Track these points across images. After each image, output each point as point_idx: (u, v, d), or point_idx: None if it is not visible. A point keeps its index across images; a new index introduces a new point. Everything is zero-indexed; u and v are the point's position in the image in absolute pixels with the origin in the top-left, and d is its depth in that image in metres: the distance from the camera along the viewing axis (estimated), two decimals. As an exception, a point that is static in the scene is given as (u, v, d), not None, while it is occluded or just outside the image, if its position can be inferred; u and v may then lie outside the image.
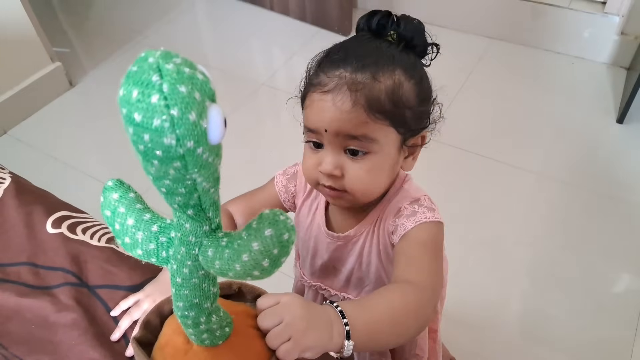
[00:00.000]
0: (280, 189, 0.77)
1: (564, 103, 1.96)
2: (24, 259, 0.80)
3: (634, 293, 1.38)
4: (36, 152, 1.86)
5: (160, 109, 0.31)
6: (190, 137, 0.32)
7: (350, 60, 0.60)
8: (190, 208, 0.39)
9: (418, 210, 0.65)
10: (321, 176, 0.63)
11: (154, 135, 0.32)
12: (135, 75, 0.32)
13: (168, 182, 0.36)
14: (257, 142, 1.87)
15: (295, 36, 2.33)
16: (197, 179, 0.36)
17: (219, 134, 0.35)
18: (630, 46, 1.97)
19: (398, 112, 0.61)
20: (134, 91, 0.31)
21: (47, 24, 2.07)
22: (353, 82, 0.59)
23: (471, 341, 1.29)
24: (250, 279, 0.40)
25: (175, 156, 0.33)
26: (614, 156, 1.75)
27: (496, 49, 2.19)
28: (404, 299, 0.55)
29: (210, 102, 0.34)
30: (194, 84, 0.32)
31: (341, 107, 0.58)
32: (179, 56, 0.33)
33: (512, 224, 1.56)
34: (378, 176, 0.64)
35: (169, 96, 0.31)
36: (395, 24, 0.63)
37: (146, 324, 0.53)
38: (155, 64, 0.32)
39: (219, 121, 0.34)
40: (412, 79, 0.62)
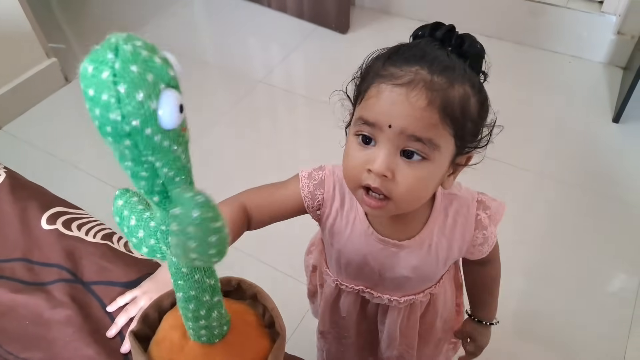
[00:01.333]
0: (306, 195, 0.71)
1: (561, 102, 1.96)
2: (19, 255, 0.79)
3: (629, 292, 1.38)
4: (31, 148, 1.86)
5: (108, 85, 0.32)
6: (135, 116, 0.33)
7: (427, 60, 0.56)
8: (156, 194, 0.40)
9: (489, 236, 0.75)
10: (367, 176, 0.58)
11: (102, 109, 0.33)
12: (95, 52, 0.34)
13: (129, 163, 0.37)
14: (254, 139, 1.86)
15: (292, 33, 2.32)
16: (156, 163, 0.37)
17: (172, 119, 0.35)
18: (627, 46, 1.98)
19: (463, 123, 0.58)
20: (89, 67, 0.33)
21: (43, 20, 2.06)
22: (431, 81, 0.55)
23: (467, 339, 1.29)
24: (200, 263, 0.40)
25: (123, 133, 0.34)
26: (610, 155, 1.76)
27: (493, 48, 2.17)
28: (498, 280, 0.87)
29: (167, 86, 0.34)
30: (148, 66, 0.33)
31: (415, 104, 0.54)
32: (141, 40, 0.35)
33: (508, 222, 1.56)
34: (427, 186, 0.60)
35: (118, 73, 0.32)
36: (458, 40, 0.61)
37: (144, 318, 0.53)
38: (115, 44, 0.34)
39: (172, 106, 0.34)
40: (477, 94, 0.60)
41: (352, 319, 0.83)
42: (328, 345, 0.92)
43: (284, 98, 2.04)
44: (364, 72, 0.62)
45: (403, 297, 0.75)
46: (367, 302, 0.79)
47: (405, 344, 0.83)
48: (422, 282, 0.75)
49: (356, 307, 0.81)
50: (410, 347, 0.84)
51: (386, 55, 0.59)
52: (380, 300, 0.76)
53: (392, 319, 0.79)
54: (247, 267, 1.34)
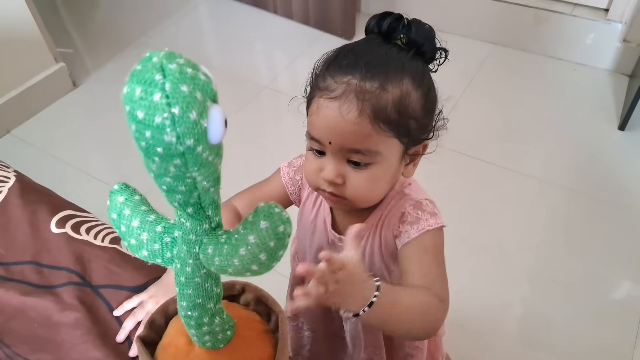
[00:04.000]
0: (287, 181, 0.77)
1: (566, 109, 1.96)
2: (28, 258, 0.80)
3: (635, 299, 1.38)
4: (39, 152, 1.87)
5: (162, 107, 0.32)
6: (190, 135, 0.33)
7: (359, 67, 0.59)
8: (190, 206, 0.40)
9: (421, 217, 0.66)
10: (322, 182, 0.63)
11: (155, 132, 0.33)
12: (139, 73, 0.33)
13: (169, 179, 0.37)
14: (259, 145, 1.87)
15: (298, 39, 2.33)
16: (197, 178, 0.37)
17: (219, 134, 0.35)
18: (633, 53, 1.98)
19: (403, 123, 0.60)
20: (137, 89, 0.32)
21: (51, 25, 2.07)
22: (361, 90, 0.58)
23: (471, 346, 1.29)
24: (249, 274, 0.40)
25: (176, 153, 0.34)
26: (615, 163, 1.75)
27: (499, 55, 2.19)
28: (430, 302, 0.59)
29: (212, 102, 0.35)
30: (195, 84, 0.33)
31: (347, 117, 0.58)
32: (182, 57, 0.34)
33: (513, 229, 1.57)
34: (379, 185, 0.64)
35: (170, 95, 0.32)
36: (406, 27, 0.62)
37: (151, 323, 0.53)
38: (159, 64, 0.33)
39: (220, 121, 0.35)
40: (419, 88, 0.61)
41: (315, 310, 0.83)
42: (293, 334, 0.93)
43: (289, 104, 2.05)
44: (313, 78, 0.65)
45: None
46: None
47: (372, 346, 0.83)
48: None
49: None
50: (378, 349, 0.83)
51: (326, 65, 0.63)
52: None
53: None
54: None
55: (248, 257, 0.39)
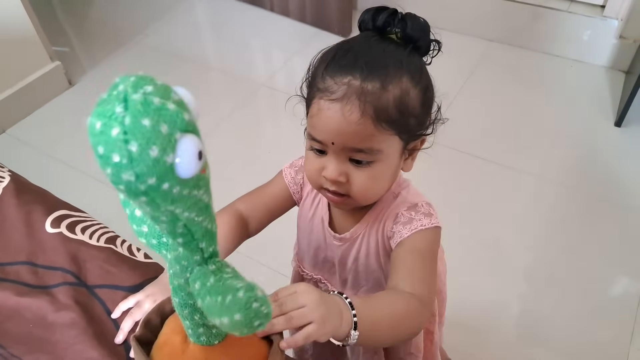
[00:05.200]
0: (290, 182, 0.77)
1: (563, 106, 1.96)
2: (23, 258, 0.80)
3: (631, 296, 1.38)
4: (35, 151, 1.86)
5: (119, 144, 0.30)
6: (151, 174, 0.31)
7: (359, 67, 0.58)
8: (179, 236, 0.37)
9: (414, 217, 0.66)
10: (324, 181, 0.63)
11: (114, 169, 0.31)
12: (103, 104, 0.30)
13: (148, 209, 0.34)
14: (256, 143, 1.87)
15: (295, 37, 2.33)
16: (176, 211, 0.34)
17: (191, 168, 0.32)
18: (629, 50, 1.98)
19: (403, 121, 0.61)
20: (97, 123, 0.30)
21: (47, 23, 2.07)
22: (362, 91, 0.58)
23: (469, 343, 1.29)
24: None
25: (138, 192, 0.31)
26: (612, 159, 1.75)
27: (495, 52, 2.19)
28: (407, 308, 0.59)
29: (182, 133, 0.31)
30: (161, 116, 0.30)
31: (349, 118, 0.58)
32: (152, 82, 0.31)
33: (510, 226, 1.57)
34: (381, 182, 0.65)
35: (129, 130, 0.29)
36: (401, 22, 0.62)
37: (147, 323, 0.53)
38: (123, 94, 0.30)
39: (191, 154, 0.32)
40: (418, 85, 0.62)
41: None
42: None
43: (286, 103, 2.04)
44: (310, 77, 0.64)
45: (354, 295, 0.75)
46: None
47: (371, 352, 0.83)
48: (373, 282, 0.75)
49: None
50: (376, 353, 0.83)
51: (325, 63, 0.62)
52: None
53: None
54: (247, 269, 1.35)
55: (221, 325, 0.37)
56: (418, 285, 0.61)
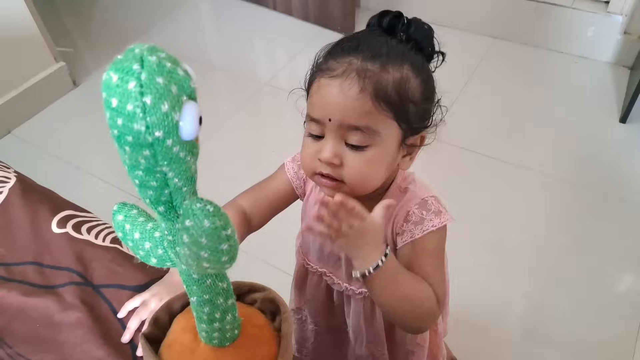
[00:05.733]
0: (292, 176, 0.77)
1: (567, 102, 1.95)
2: (30, 258, 0.80)
3: (637, 293, 1.37)
4: (40, 151, 1.87)
5: (135, 95, 0.32)
6: (159, 127, 0.33)
7: (361, 49, 0.60)
8: (162, 204, 0.40)
9: (426, 217, 0.66)
10: (319, 164, 0.63)
11: (126, 120, 0.33)
12: (119, 62, 0.33)
13: (140, 172, 0.37)
14: (260, 142, 1.87)
15: (298, 36, 2.33)
16: (168, 173, 0.37)
17: (192, 131, 0.35)
18: (633, 46, 1.97)
19: (402, 106, 0.61)
20: (114, 76, 0.33)
21: (51, 24, 2.07)
22: (363, 69, 0.59)
23: (473, 341, 1.29)
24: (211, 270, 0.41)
25: (144, 144, 0.34)
26: (616, 156, 1.75)
27: (499, 49, 2.19)
28: (428, 295, 0.62)
29: (188, 98, 0.35)
30: (172, 78, 0.34)
31: (347, 93, 0.59)
32: (164, 52, 0.35)
33: (515, 223, 1.56)
34: (376, 168, 0.64)
35: (144, 84, 0.32)
36: (405, 25, 0.63)
37: (155, 321, 0.54)
38: (140, 55, 0.33)
39: (193, 117, 0.35)
40: (419, 76, 0.63)
41: (318, 304, 0.85)
42: (296, 327, 0.94)
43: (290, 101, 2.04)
44: (314, 66, 0.65)
45: (360, 288, 0.76)
46: (331, 291, 0.81)
47: (374, 342, 0.83)
48: None
49: (320, 292, 0.82)
50: (379, 345, 0.84)
51: (328, 50, 0.64)
52: (339, 287, 0.78)
53: (355, 311, 0.80)
54: (255, 271, 1.35)
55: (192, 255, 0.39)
56: (436, 288, 0.63)
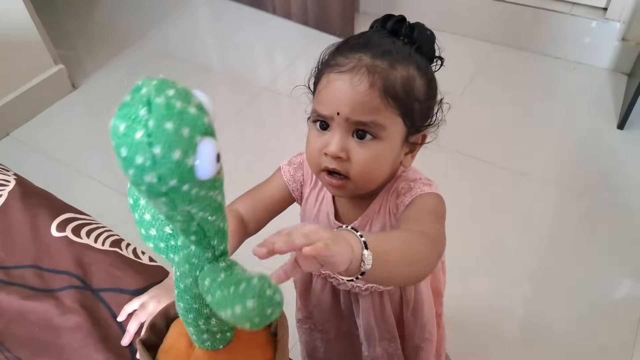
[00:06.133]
0: (289, 179, 0.77)
1: (565, 108, 1.96)
2: (29, 262, 0.80)
3: (635, 299, 1.38)
4: (39, 154, 1.87)
5: (143, 147, 0.31)
6: (173, 176, 0.32)
7: (370, 47, 0.62)
8: (192, 234, 0.38)
9: (414, 186, 0.67)
10: (325, 159, 0.63)
11: (137, 171, 0.31)
12: (126, 107, 0.31)
13: (164, 209, 0.35)
14: (259, 146, 1.87)
15: (297, 40, 2.33)
16: (192, 210, 0.36)
17: (210, 170, 0.34)
18: (631, 52, 1.98)
19: (408, 103, 0.62)
20: (121, 125, 0.31)
21: (50, 27, 2.07)
22: (372, 64, 0.60)
23: (472, 347, 1.29)
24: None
25: (159, 193, 0.33)
26: (614, 162, 1.75)
27: (498, 54, 2.19)
28: (419, 240, 0.58)
29: (202, 136, 0.33)
30: (183, 120, 0.31)
31: (357, 87, 0.60)
32: (175, 86, 0.32)
33: (513, 229, 1.57)
34: (381, 164, 0.65)
35: (153, 133, 0.30)
36: (408, 29, 0.65)
37: (152, 327, 0.54)
38: (146, 97, 0.31)
39: (211, 156, 0.33)
40: (424, 76, 0.64)
41: (325, 309, 0.84)
42: (305, 337, 0.93)
43: (289, 105, 2.05)
44: (320, 65, 0.66)
45: (366, 284, 0.76)
46: (338, 292, 0.81)
47: (387, 338, 0.83)
48: None
49: (326, 296, 0.82)
50: (392, 341, 0.83)
51: (336, 47, 0.65)
52: (345, 286, 0.78)
53: (364, 309, 0.80)
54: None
55: (232, 319, 0.37)
56: (426, 227, 0.61)
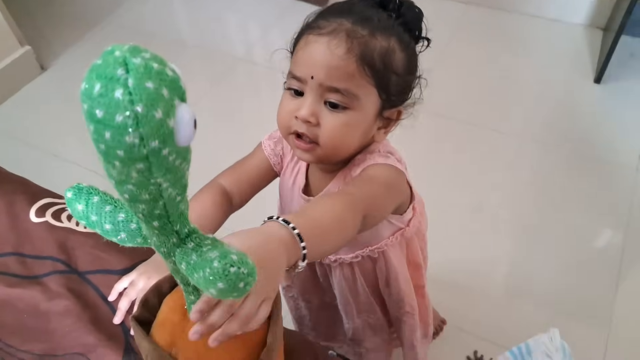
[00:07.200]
0: (270, 153, 0.77)
1: (543, 66, 1.97)
2: (10, 249, 0.79)
3: (614, 248, 1.42)
4: (11, 139, 1.82)
5: (124, 105, 0.29)
6: (155, 136, 0.30)
7: (354, 13, 0.61)
8: (156, 219, 0.37)
9: (369, 158, 0.67)
10: (295, 123, 0.63)
11: (115, 132, 0.30)
12: (99, 68, 0.30)
13: (131, 187, 0.34)
14: (237, 119, 1.85)
15: (270, 9, 2.28)
16: (163, 184, 0.34)
17: (188, 135, 0.32)
18: (606, 7, 1.98)
19: (385, 75, 0.61)
20: (96, 85, 0.30)
21: (13, 6, 1.99)
22: (353, 30, 0.59)
23: (460, 303, 1.32)
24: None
25: (139, 157, 0.31)
26: (592, 116, 1.78)
27: (473, 15, 2.18)
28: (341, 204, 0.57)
29: (180, 101, 0.32)
30: (162, 80, 0.30)
31: (334, 51, 0.59)
32: (148, 51, 0.31)
33: (495, 186, 1.59)
34: (351, 133, 0.64)
35: (133, 91, 0.29)
36: (398, 4, 0.64)
37: (144, 303, 0.54)
38: (122, 58, 0.30)
39: (189, 121, 0.32)
40: (404, 50, 0.63)
41: (304, 280, 0.86)
42: (291, 305, 0.95)
43: (265, 76, 2.02)
44: (301, 29, 0.65)
45: (335, 256, 0.77)
46: (313, 265, 0.82)
47: (365, 310, 0.84)
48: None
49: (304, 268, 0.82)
50: (371, 312, 0.84)
51: (320, 11, 0.65)
52: (328, 260, 0.79)
53: (337, 281, 0.81)
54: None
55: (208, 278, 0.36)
56: (355, 189, 0.61)
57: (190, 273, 0.38)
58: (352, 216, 0.56)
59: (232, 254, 0.36)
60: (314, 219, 0.52)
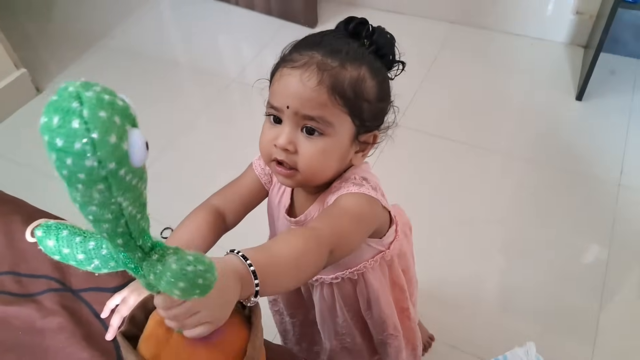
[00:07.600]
0: (260, 173, 0.80)
1: (526, 83, 2.02)
2: (6, 268, 0.81)
3: (599, 262, 1.44)
4: (6, 161, 1.84)
5: (81, 133, 0.33)
6: (111, 159, 0.34)
7: (324, 45, 0.65)
8: (119, 237, 0.40)
9: (343, 186, 0.69)
10: (275, 150, 0.66)
11: (76, 158, 0.34)
12: (56, 102, 0.34)
13: (94, 208, 0.37)
14: (231, 138, 1.88)
15: (262, 30, 2.33)
16: (123, 203, 0.38)
17: (141, 156, 0.36)
18: (586, 25, 2.05)
19: (357, 103, 0.65)
20: (54, 118, 0.33)
21: (9, 29, 2.03)
22: (323, 63, 0.63)
23: (448, 318, 1.34)
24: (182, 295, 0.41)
25: (98, 178, 0.35)
26: (575, 132, 1.82)
27: (457, 34, 2.24)
28: (304, 244, 0.57)
29: (131, 126, 0.36)
30: (114, 109, 0.34)
31: (306, 83, 0.62)
32: (98, 85, 0.35)
33: (481, 203, 1.62)
34: (328, 158, 0.67)
35: (89, 120, 0.33)
36: (370, 32, 0.68)
37: (131, 319, 0.56)
38: (76, 92, 0.34)
39: (140, 144, 0.36)
40: (375, 78, 0.67)
41: (287, 296, 0.88)
42: (276, 319, 0.97)
43: (258, 95, 2.05)
44: (278, 60, 0.69)
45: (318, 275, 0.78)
46: None
47: (342, 333, 0.85)
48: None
49: None
50: (348, 337, 0.85)
51: (294, 44, 0.69)
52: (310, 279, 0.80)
53: (317, 300, 0.83)
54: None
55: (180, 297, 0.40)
56: (322, 224, 0.62)
57: (157, 282, 0.42)
58: (317, 252, 0.58)
59: (188, 255, 0.40)
60: (272, 256, 0.54)
